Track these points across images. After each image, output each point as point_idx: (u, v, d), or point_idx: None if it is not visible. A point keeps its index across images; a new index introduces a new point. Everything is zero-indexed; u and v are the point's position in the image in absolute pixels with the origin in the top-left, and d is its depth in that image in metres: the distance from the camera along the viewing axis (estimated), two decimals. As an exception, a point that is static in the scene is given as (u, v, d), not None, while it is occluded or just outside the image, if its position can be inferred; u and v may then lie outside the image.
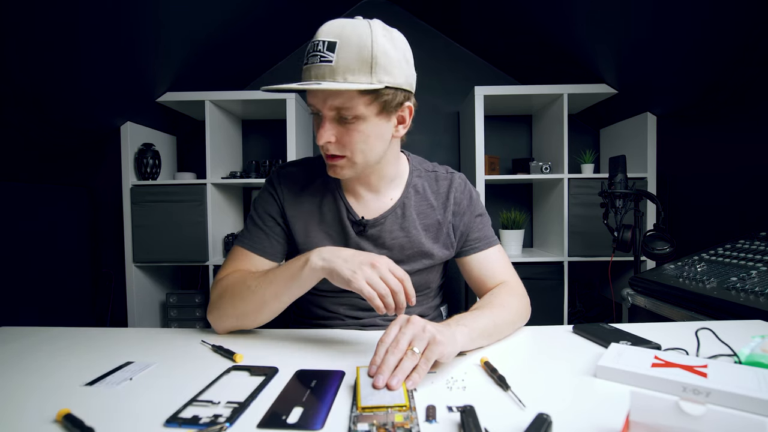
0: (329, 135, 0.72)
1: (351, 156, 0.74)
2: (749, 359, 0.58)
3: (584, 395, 0.52)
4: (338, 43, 0.67)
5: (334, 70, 0.67)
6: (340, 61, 0.67)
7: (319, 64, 0.67)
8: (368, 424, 0.44)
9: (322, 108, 0.71)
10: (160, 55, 1.81)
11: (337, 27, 0.68)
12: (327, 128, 0.72)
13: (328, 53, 0.67)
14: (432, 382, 0.56)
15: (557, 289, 2.05)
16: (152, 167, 2.09)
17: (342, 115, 0.71)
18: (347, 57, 0.67)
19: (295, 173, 0.88)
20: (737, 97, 1.54)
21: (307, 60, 0.69)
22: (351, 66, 0.67)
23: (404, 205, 0.85)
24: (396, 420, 0.45)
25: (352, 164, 0.76)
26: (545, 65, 2.29)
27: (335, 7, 2.45)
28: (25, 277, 1.75)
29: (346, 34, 0.67)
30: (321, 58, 0.67)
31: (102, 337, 0.75)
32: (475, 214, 0.89)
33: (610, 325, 0.76)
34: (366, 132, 0.72)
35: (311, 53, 0.68)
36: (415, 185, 0.87)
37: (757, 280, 0.98)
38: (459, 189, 0.89)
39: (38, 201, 1.83)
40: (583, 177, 2.08)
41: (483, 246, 0.88)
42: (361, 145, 0.73)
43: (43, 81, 1.49)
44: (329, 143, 0.73)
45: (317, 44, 0.68)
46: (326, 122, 0.72)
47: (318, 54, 0.67)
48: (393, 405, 0.48)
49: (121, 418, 0.47)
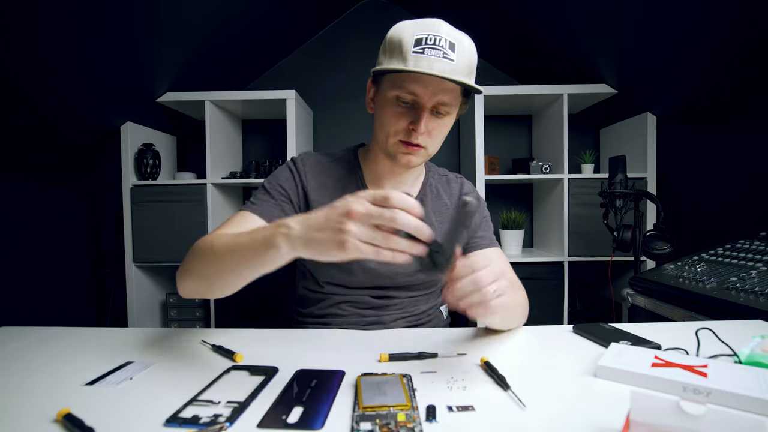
0: (427, 127, 0.75)
1: (429, 147, 0.78)
2: (749, 359, 0.58)
3: (584, 395, 0.52)
4: (457, 45, 0.71)
5: (455, 69, 0.71)
6: (459, 63, 0.71)
7: (443, 59, 0.70)
8: (371, 423, 0.44)
9: (427, 100, 0.73)
10: (160, 55, 1.81)
11: (451, 30, 0.73)
12: (426, 119, 0.74)
13: (450, 52, 0.71)
14: (432, 382, 0.56)
15: (557, 289, 2.05)
16: (152, 167, 2.09)
17: (438, 110, 0.75)
18: (463, 61, 0.72)
19: (321, 160, 0.90)
20: (737, 97, 1.54)
21: (426, 51, 0.70)
22: (464, 70, 0.72)
23: (422, 201, 0.89)
24: (399, 419, 0.45)
25: (427, 154, 0.80)
26: (545, 65, 2.29)
27: (335, 7, 2.46)
28: (25, 277, 1.75)
29: (460, 39, 0.73)
30: (445, 54, 0.70)
31: (102, 337, 0.75)
32: (482, 215, 0.93)
33: (610, 325, 0.77)
34: (448, 126, 0.79)
35: (432, 46, 0.70)
36: (431, 185, 0.92)
37: (757, 280, 0.98)
38: (469, 191, 0.95)
39: (38, 201, 1.83)
40: (583, 177, 2.08)
41: (486, 244, 0.90)
42: (440, 138, 0.79)
43: (43, 81, 1.49)
44: (422, 134, 0.75)
45: (439, 39, 0.70)
46: (426, 113, 0.74)
47: (442, 49, 0.70)
48: (395, 404, 0.48)
49: (121, 418, 0.47)
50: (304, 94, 2.30)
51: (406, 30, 0.73)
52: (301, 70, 2.54)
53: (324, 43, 2.54)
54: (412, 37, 0.71)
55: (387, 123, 0.77)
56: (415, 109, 0.74)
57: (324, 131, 2.54)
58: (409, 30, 0.72)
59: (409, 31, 0.72)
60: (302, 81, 2.47)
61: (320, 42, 2.54)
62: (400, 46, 0.72)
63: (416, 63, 0.70)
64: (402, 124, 0.75)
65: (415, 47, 0.70)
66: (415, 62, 0.70)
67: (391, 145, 0.78)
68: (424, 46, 0.70)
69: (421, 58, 0.70)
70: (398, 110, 0.75)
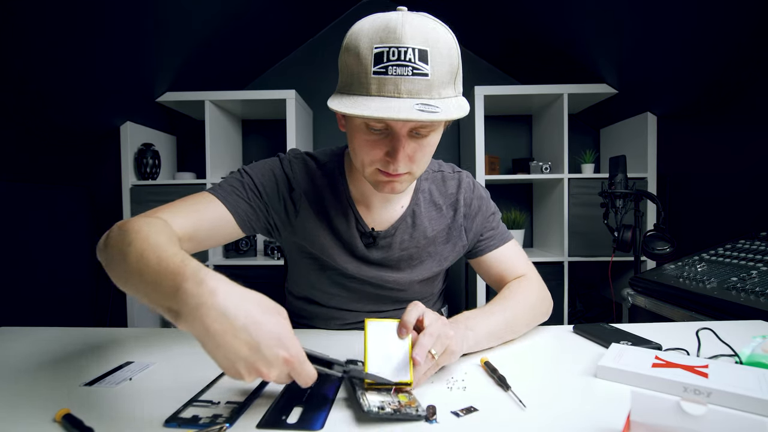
0: (407, 156, 0.63)
1: (414, 170, 0.66)
2: (750, 359, 0.58)
3: (585, 395, 0.52)
4: (430, 51, 0.56)
5: (431, 85, 0.57)
6: (436, 74, 0.57)
7: (413, 77, 0.56)
8: (379, 400, 0.47)
9: (401, 126, 0.60)
10: (160, 55, 1.81)
11: (421, 29, 0.57)
12: (406, 148, 0.62)
13: (421, 64, 0.56)
14: (432, 382, 0.56)
15: (557, 290, 2.05)
16: (152, 167, 2.09)
17: (418, 131, 0.62)
18: (441, 68, 0.57)
19: (310, 166, 0.79)
20: (737, 97, 1.54)
21: (390, 69, 0.56)
22: (444, 79, 0.58)
23: (414, 213, 0.80)
24: (401, 399, 0.48)
25: (412, 178, 0.69)
26: (545, 65, 2.29)
27: (335, 7, 2.46)
28: (25, 277, 1.74)
29: (434, 38, 0.57)
30: (414, 70, 0.56)
31: (102, 337, 0.75)
32: (488, 214, 0.85)
33: (610, 325, 0.76)
34: (434, 144, 0.66)
35: (397, 63, 0.55)
36: (423, 190, 0.82)
37: (758, 280, 0.98)
38: (468, 189, 0.84)
39: (38, 201, 1.83)
40: (583, 177, 2.08)
41: (498, 243, 0.85)
42: (427, 158, 0.67)
43: (43, 81, 1.48)
44: (402, 162, 0.63)
45: (403, 51, 0.55)
46: (404, 141, 0.61)
47: (410, 64, 0.55)
48: (399, 382, 0.50)
49: (121, 418, 0.47)
50: (304, 94, 2.30)
51: (363, 37, 0.58)
52: (301, 70, 2.54)
53: (324, 43, 2.53)
54: (371, 51, 0.56)
55: (360, 152, 0.65)
56: (390, 136, 0.62)
57: (324, 131, 2.54)
58: (366, 38, 0.57)
59: (367, 40, 0.57)
60: (302, 81, 2.47)
61: (320, 42, 2.54)
62: (358, 63, 0.57)
63: (379, 87, 0.56)
64: (377, 154, 0.63)
65: (376, 66, 0.56)
66: (378, 86, 0.56)
67: (369, 174, 0.67)
68: (387, 64, 0.55)
69: (385, 80, 0.56)
70: (370, 138, 0.62)
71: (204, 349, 0.42)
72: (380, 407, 0.45)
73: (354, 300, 0.83)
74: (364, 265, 0.79)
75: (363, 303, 0.84)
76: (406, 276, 0.81)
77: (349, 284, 0.81)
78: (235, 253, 2.16)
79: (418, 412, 0.45)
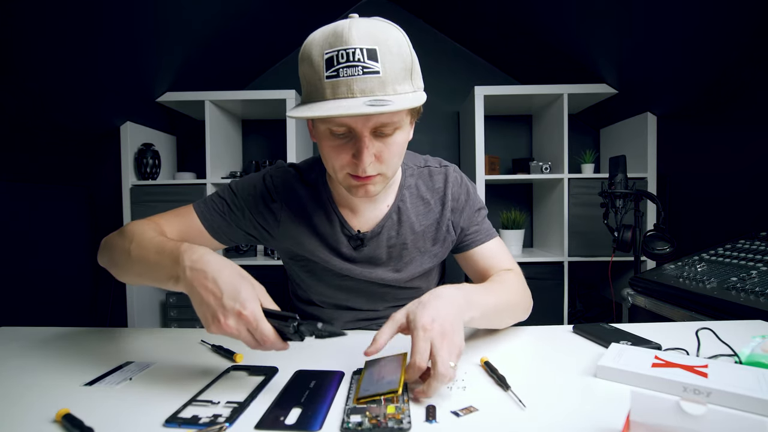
0: (372, 156, 0.64)
1: (385, 171, 0.67)
2: (750, 359, 0.58)
3: (584, 395, 0.52)
4: (379, 49, 0.58)
5: (384, 82, 0.58)
6: (388, 71, 0.58)
7: (364, 76, 0.57)
8: (361, 416, 0.46)
9: (361, 127, 0.61)
10: (160, 55, 1.81)
11: (368, 29, 0.58)
12: (370, 148, 0.62)
13: (371, 62, 0.57)
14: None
15: (557, 289, 2.05)
16: (152, 167, 2.09)
17: (381, 131, 0.63)
18: (393, 65, 0.59)
19: (294, 183, 0.81)
20: (737, 97, 1.54)
21: (341, 71, 0.57)
22: (397, 75, 0.59)
23: (399, 209, 0.80)
24: (388, 411, 0.47)
25: (385, 180, 0.69)
26: (545, 65, 2.29)
27: (335, 7, 2.45)
28: (25, 277, 1.74)
29: (383, 37, 0.59)
30: (364, 69, 0.57)
31: (102, 337, 0.75)
32: (474, 208, 0.85)
33: (610, 325, 0.76)
34: (401, 142, 0.66)
35: (347, 64, 0.57)
36: (409, 186, 0.82)
37: (758, 280, 0.98)
38: (455, 184, 0.84)
39: (38, 201, 1.83)
40: (583, 177, 2.08)
41: (484, 238, 0.85)
42: (397, 158, 0.67)
43: (43, 81, 1.48)
44: (370, 164, 0.64)
45: (352, 52, 0.57)
46: (367, 141, 0.62)
47: (359, 64, 0.57)
48: (387, 391, 0.49)
49: (121, 418, 0.47)
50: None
51: (314, 46, 0.59)
52: (301, 70, 2.53)
53: (324, 43, 2.53)
54: (322, 57, 0.58)
55: (329, 159, 0.66)
56: (354, 138, 0.63)
57: (324, 131, 2.54)
58: (317, 46, 0.59)
59: (318, 47, 0.59)
60: (302, 81, 2.47)
61: (320, 42, 2.54)
62: (312, 70, 0.59)
63: (333, 91, 0.57)
64: (344, 159, 0.64)
65: (328, 70, 0.57)
66: (332, 90, 0.58)
67: (342, 179, 0.68)
68: (338, 67, 0.57)
69: (338, 83, 0.57)
70: (335, 144, 0.64)
71: (193, 305, 0.54)
72: (359, 423, 0.44)
73: (351, 299, 0.85)
74: (353, 265, 0.81)
75: (361, 302, 0.85)
76: (397, 273, 0.82)
77: (343, 284, 0.83)
78: (235, 253, 2.16)
79: (401, 425, 0.44)
